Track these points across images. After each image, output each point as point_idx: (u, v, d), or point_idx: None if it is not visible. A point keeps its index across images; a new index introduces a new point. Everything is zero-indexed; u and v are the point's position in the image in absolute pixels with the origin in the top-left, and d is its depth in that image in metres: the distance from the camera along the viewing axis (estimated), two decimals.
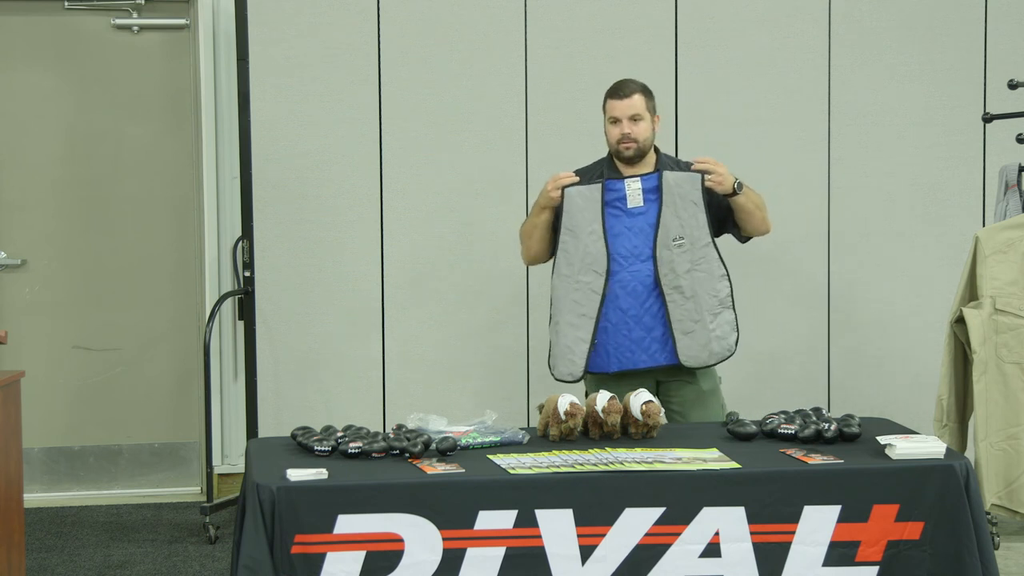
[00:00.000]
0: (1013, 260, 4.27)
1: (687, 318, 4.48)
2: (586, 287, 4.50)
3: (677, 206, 4.48)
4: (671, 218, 4.48)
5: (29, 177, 6.22)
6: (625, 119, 4.53)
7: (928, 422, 4.51)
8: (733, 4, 5.79)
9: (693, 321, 4.48)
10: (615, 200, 4.51)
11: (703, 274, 4.50)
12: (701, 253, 4.50)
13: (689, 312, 4.48)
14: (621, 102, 4.55)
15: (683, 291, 4.48)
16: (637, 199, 4.50)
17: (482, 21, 5.68)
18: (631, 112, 4.54)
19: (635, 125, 4.54)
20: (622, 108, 4.54)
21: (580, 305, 4.51)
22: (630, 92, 4.56)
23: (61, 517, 5.84)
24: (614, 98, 4.57)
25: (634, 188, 4.50)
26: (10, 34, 6.18)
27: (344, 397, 5.70)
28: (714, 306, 4.52)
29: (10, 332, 4.62)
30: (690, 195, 4.49)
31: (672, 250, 4.47)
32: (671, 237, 4.47)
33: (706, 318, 4.49)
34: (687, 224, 4.48)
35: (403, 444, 3.69)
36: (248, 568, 3.37)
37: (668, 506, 3.52)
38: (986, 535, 3.62)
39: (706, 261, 4.51)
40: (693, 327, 4.48)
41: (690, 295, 4.48)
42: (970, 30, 5.87)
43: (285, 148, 5.62)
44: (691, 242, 4.48)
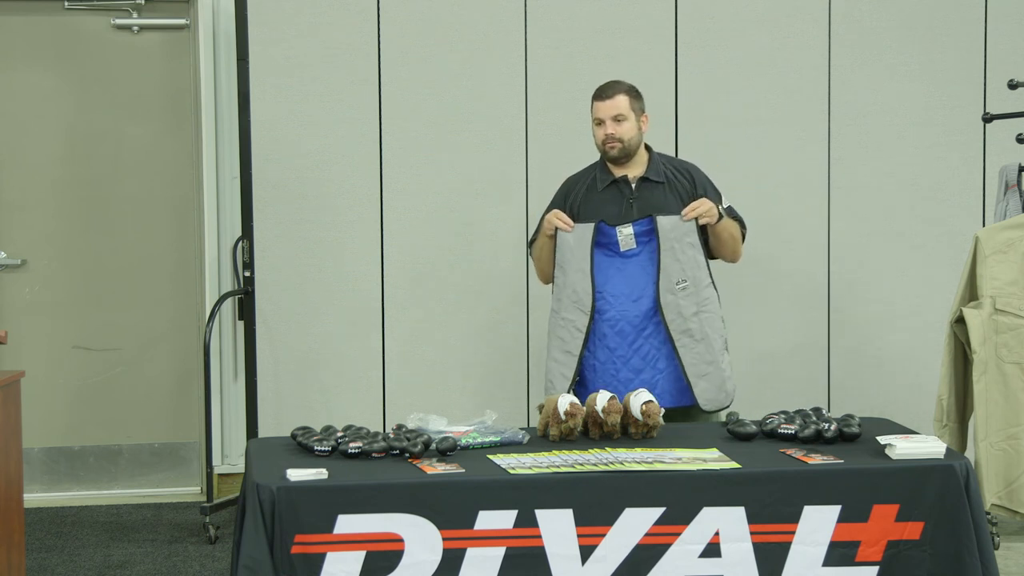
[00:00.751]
0: (1013, 260, 4.27)
1: (700, 360, 4.50)
2: (571, 324, 4.53)
3: (676, 250, 4.49)
4: (671, 262, 4.48)
5: (29, 177, 6.22)
6: (608, 119, 4.57)
7: (928, 422, 4.51)
8: (733, 4, 5.79)
9: (707, 363, 4.50)
10: (607, 243, 4.53)
11: (710, 315, 4.53)
12: (705, 295, 4.52)
13: (701, 355, 4.49)
14: (603, 103, 4.59)
15: (693, 334, 4.49)
16: (630, 243, 4.52)
17: (482, 21, 5.68)
18: (613, 112, 4.57)
19: (618, 125, 4.57)
20: (605, 109, 4.58)
21: (564, 342, 4.55)
22: (612, 93, 4.60)
23: (61, 517, 5.84)
24: (597, 100, 4.62)
25: (625, 234, 4.53)
26: (10, 34, 6.18)
27: (344, 397, 5.70)
28: (722, 347, 4.56)
29: (10, 332, 4.62)
30: (687, 237, 4.50)
31: (676, 294, 4.48)
32: (674, 281, 4.48)
33: (719, 359, 4.52)
34: (688, 267, 4.50)
35: (403, 444, 3.69)
36: (248, 568, 3.37)
37: (668, 506, 3.52)
38: (986, 535, 3.62)
39: (711, 303, 4.54)
40: (708, 369, 4.50)
41: (700, 338, 4.50)
42: (970, 30, 5.87)
43: (285, 148, 5.62)
44: (694, 284, 4.50)
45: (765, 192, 5.81)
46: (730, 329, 5.73)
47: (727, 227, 4.58)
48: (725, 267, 5.40)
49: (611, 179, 4.63)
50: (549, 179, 5.70)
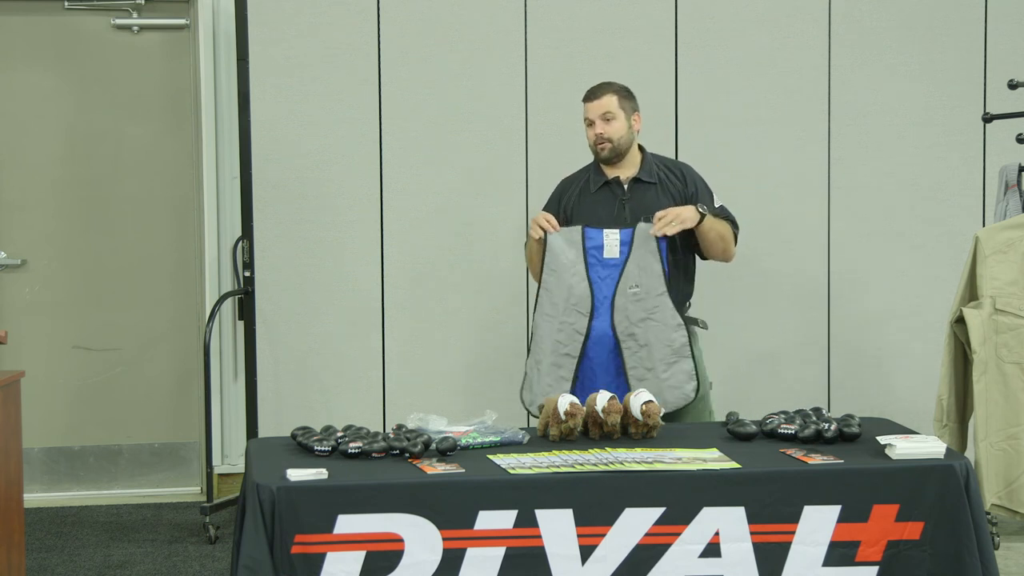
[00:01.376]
0: (1013, 260, 4.27)
1: (640, 365, 4.49)
2: (570, 327, 4.52)
3: (639, 256, 4.50)
4: (632, 267, 4.49)
5: (29, 177, 6.22)
6: (597, 119, 4.58)
7: (928, 422, 4.51)
8: (733, 4, 5.79)
9: (646, 369, 4.50)
10: (592, 248, 4.52)
11: (657, 323, 4.50)
12: (655, 303, 4.49)
13: (642, 360, 4.49)
14: (592, 103, 4.60)
15: (637, 339, 4.49)
16: (614, 250, 4.52)
17: (482, 21, 5.68)
18: (601, 111, 4.58)
19: (607, 124, 4.57)
20: (593, 109, 4.59)
21: (563, 345, 4.53)
22: (600, 93, 4.61)
23: (61, 517, 5.84)
24: (586, 101, 4.64)
25: (612, 239, 4.52)
26: (10, 34, 6.18)
27: (344, 397, 5.70)
28: (667, 356, 4.51)
29: (10, 332, 4.62)
30: (649, 245, 4.50)
31: (627, 297, 4.48)
32: (628, 285, 4.49)
33: (658, 367, 4.49)
34: (644, 272, 4.49)
35: (403, 444, 3.69)
36: (248, 568, 3.37)
37: (668, 506, 3.52)
38: (986, 535, 3.62)
39: (660, 311, 4.50)
40: (646, 375, 4.49)
41: (643, 343, 4.49)
42: (970, 30, 5.87)
43: (285, 148, 5.62)
44: (645, 291, 4.49)
45: (765, 192, 5.81)
46: (730, 329, 5.76)
47: (714, 227, 4.56)
48: (726, 267, 5.40)
49: (604, 180, 4.63)
50: (549, 179, 5.69)
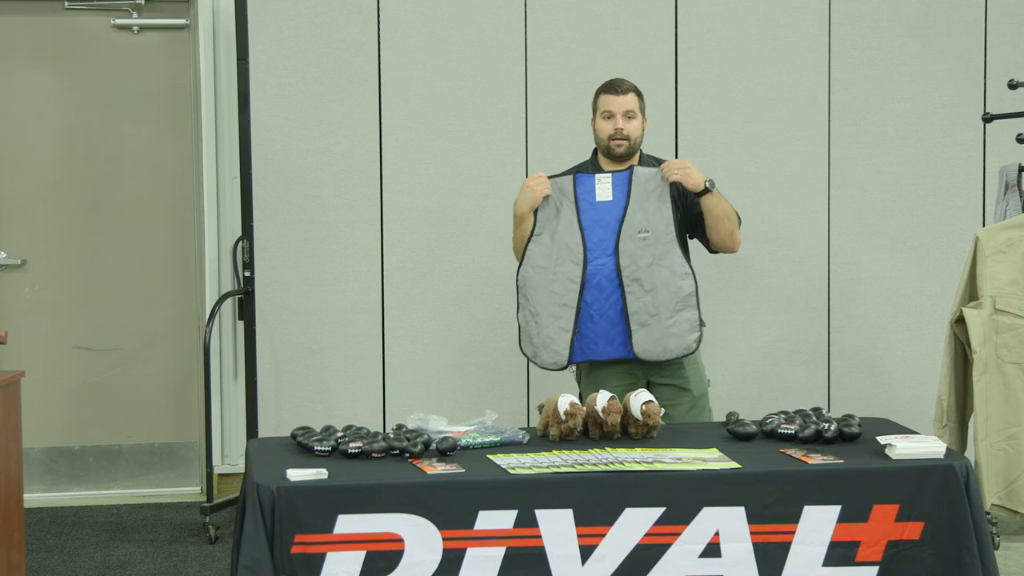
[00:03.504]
0: (1013, 260, 4.27)
1: (644, 311, 4.46)
2: (564, 277, 4.50)
3: (644, 200, 4.47)
4: (637, 211, 4.47)
5: (29, 177, 6.22)
6: (620, 114, 4.53)
7: (928, 422, 4.51)
8: (733, 4, 5.79)
9: (649, 315, 4.46)
10: (584, 193, 4.50)
11: (664, 270, 4.47)
12: (664, 249, 4.47)
13: (646, 305, 4.46)
14: (618, 97, 4.54)
15: (642, 284, 4.46)
16: (606, 193, 4.49)
17: (482, 21, 5.68)
18: (626, 108, 4.54)
19: (628, 122, 4.54)
20: (618, 103, 4.54)
21: (559, 295, 4.51)
22: (626, 89, 4.57)
23: (61, 517, 5.84)
24: (609, 93, 4.57)
25: (603, 182, 4.50)
26: (10, 34, 6.18)
27: (344, 397, 5.70)
28: (673, 303, 4.48)
29: (10, 332, 4.62)
30: (657, 190, 4.48)
31: (636, 242, 4.45)
32: (636, 230, 4.46)
33: (663, 313, 4.46)
34: (652, 218, 4.47)
35: (403, 444, 3.69)
36: (248, 568, 3.38)
37: (668, 506, 3.52)
38: (986, 535, 3.62)
39: (668, 257, 4.47)
40: (649, 321, 4.46)
41: (649, 288, 4.46)
42: (970, 30, 5.87)
43: (285, 148, 5.62)
44: (655, 236, 4.46)
45: (765, 192, 5.81)
46: (730, 329, 5.76)
47: (720, 203, 4.51)
48: (726, 267, 5.42)
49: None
50: None
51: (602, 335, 4.49)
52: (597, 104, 4.60)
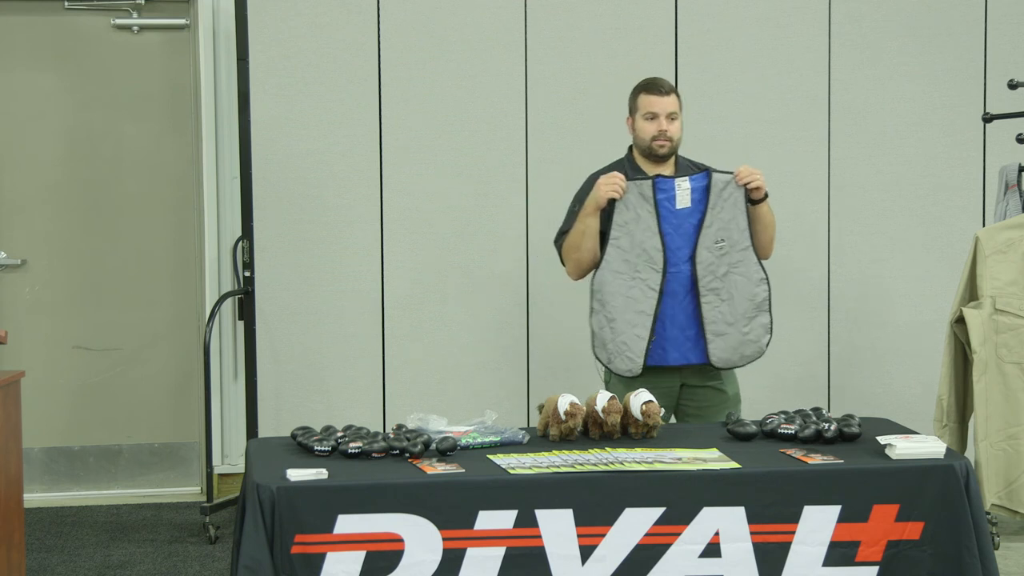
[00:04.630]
0: (1013, 260, 4.27)
1: (721, 320, 4.46)
2: (643, 283, 4.44)
3: (721, 208, 4.44)
4: (714, 220, 4.43)
5: (29, 177, 6.22)
6: (664, 115, 4.48)
7: (928, 422, 4.51)
8: (733, 4, 5.79)
9: (727, 324, 4.46)
10: (664, 200, 4.44)
11: (741, 277, 4.46)
12: (739, 256, 4.46)
13: (723, 315, 4.45)
14: (661, 98, 4.49)
15: (719, 293, 4.45)
16: (685, 199, 4.44)
17: (482, 21, 5.69)
18: (670, 109, 4.49)
19: (671, 123, 4.50)
20: (662, 104, 4.49)
21: (637, 302, 4.44)
22: (668, 90, 4.52)
23: (61, 517, 5.84)
24: (653, 94, 4.52)
25: (683, 188, 4.44)
26: (10, 34, 6.18)
27: (344, 397, 5.70)
28: (749, 310, 4.48)
29: (10, 332, 4.62)
30: (733, 197, 4.44)
31: (713, 252, 4.43)
32: (713, 240, 4.43)
33: (740, 322, 4.47)
34: (728, 227, 4.44)
35: (403, 444, 3.69)
36: (248, 568, 3.37)
37: (668, 506, 3.52)
38: (986, 535, 3.62)
39: (744, 264, 4.46)
40: (727, 330, 4.46)
41: (726, 298, 4.45)
42: (970, 30, 5.87)
43: (285, 148, 5.62)
44: (731, 245, 4.44)
45: None
46: None
47: (770, 212, 4.51)
48: None
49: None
50: (549, 179, 5.71)
51: (671, 341, 4.46)
52: (637, 104, 4.54)
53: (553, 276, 5.74)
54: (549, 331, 5.76)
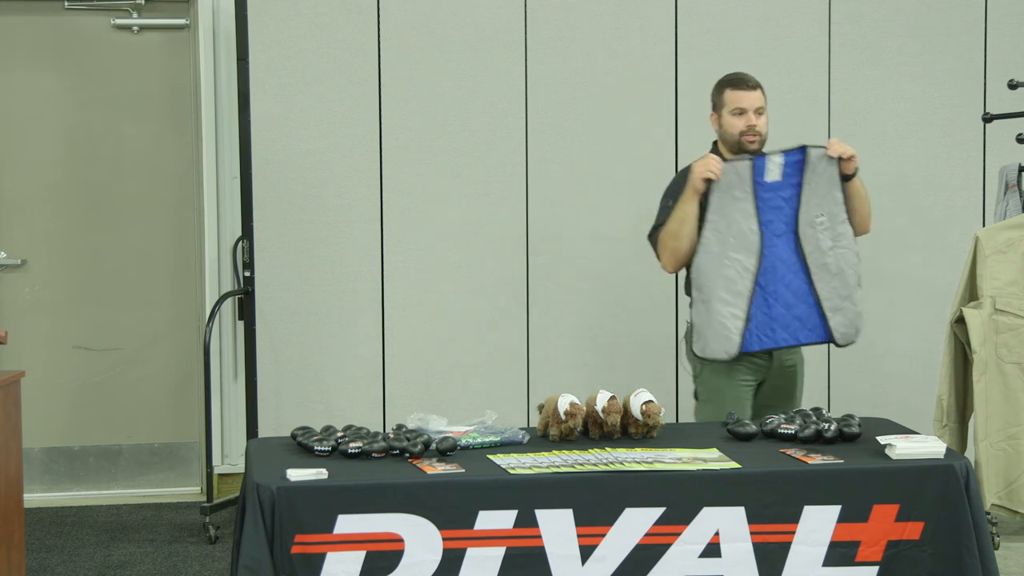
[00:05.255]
0: (1013, 260, 4.27)
1: (835, 295, 4.45)
2: (738, 264, 4.42)
3: (816, 183, 4.42)
4: (811, 195, 4.41)
5: (29, 177, 6.22)
6: (752, 111, 4.47)
7: (928, 422, 4.51)
8: (733, 4, 5.79)
9: (841, 298, 4.45)
10: (759, 178, 4.41)
11: (845, 250, 4.46)
12: (840, 230, 4.45)
13: (836, 289, 4.44)
14: (749, 93, 4.49)
15: (829, 268, 4.44)
16: (775, 173, 4.41)
17: (482, 21, 5.68)
18: (758, 104, 4.49)
19: (759, 118, 4.49)
20: (750, 100, 4.49)
21: (733, 282, 4.42)
22: (755, 84, 4.51)
23: (61, 517, 5.84)
24: (740, 89, 4.51)
25: (775, 163, 4.41)
26: (10, 34, 6.18)
27: (344, 397, 5.70)
28: (856, 282, 4.48)
29: (10, 332, 4.62)
30: (827, 172, 4.42)
31: (816, 228, 4.41)
32: (813, 215, 4.42)
33: (854, 295, 4.47)
34: (825, 201, 4.42)
35: (403, 444, 3.69)
36: (248, 568, 3.37)
37: (668, 506, 3.52)
38: (986, 535, 3.62)
39: (845, 238, 4.46)
40: (842, 304, 4.45)
41: (836, 272, 4.45)
42: (970, 30, 5.87)
43: (285, 148, 5.62)
44: (830, 219, 4.43)
45: None
46: None
47: (861, 187, 4.49)
48: None
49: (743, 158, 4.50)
50: (549, 179, 5.71)
51: (778, 320, 4.45)
52: (723, 100, 4.53)
53: (554, 276, 5.75)
54: (550, 331, 5.76)
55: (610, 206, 5.74)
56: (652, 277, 5.75)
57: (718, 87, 4.60)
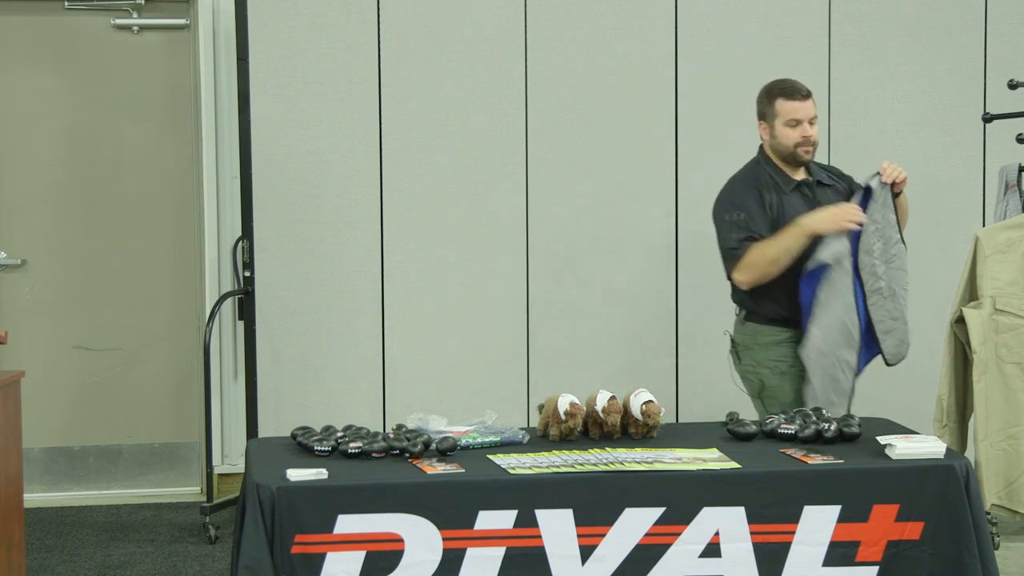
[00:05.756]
0: (1013, 260, 4.27)
1: (888, 317, 4.45)
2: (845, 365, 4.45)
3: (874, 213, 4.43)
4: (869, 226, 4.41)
5: (29, 177, 6.22)
6: (807, 121, 4.44)
7: (928, 422, 4.51)
8: (733, 4, 5.79)
9: (893, 319, 4.46)
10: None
11: (898, 271, 4.46)
12: (894, 251, 4.45)
13: (890, 311, 4.45)
14: (803, 104, 4.45)
15: (883, 292, 4.44)
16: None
17: (482, 21, 5.68)
18: (812, 114, 4.46)
19: (813, 128, 4.46)
20: (805, 110, 4.45)
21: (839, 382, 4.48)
22: (808, 93, 4.48)
23: (61, 517, 5.84)
24: (794, 99, 4.47)
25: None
26: (10, 34, 6.18)
27: (344, 397, 5.70)
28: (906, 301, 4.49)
29: (10, 332, 4.62)
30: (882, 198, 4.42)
31: (872, 255, 4.42)
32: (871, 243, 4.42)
33: (905, 313, 4.48)
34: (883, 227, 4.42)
35: (403, 444, 3.69)
36: (248, 568, 3.38)
37: (668, 506, 3.52)
38: (986, 535, 3.62)
39: (899, 258, 4.46)
40: (894, 325, 4.46)
41: (888, 294, 4.45)
42: (970, 30, 5.87)
43: (285, 148, 5.62)
44: (884, 242, 4.43)
45: None
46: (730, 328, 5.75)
47: (905, 200, 4.51)
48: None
49: (795, 182, 4.52)
50: (549, 179, 5.71)
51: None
52: (776, 110, 4.49)
53: (554, 276, 5.75)
54: (550, 331, 5.76)
55: (610, 206, 5.74)
56: (652, 277, 5.77)
57: (767, 96, 4.54)
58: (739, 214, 4.48)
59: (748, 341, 4.56)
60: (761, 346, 4.53)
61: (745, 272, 4.44)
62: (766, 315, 4.52)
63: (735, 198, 4.52)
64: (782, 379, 4.49)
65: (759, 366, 4.53)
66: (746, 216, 4.46)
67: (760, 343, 4.53)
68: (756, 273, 4.43)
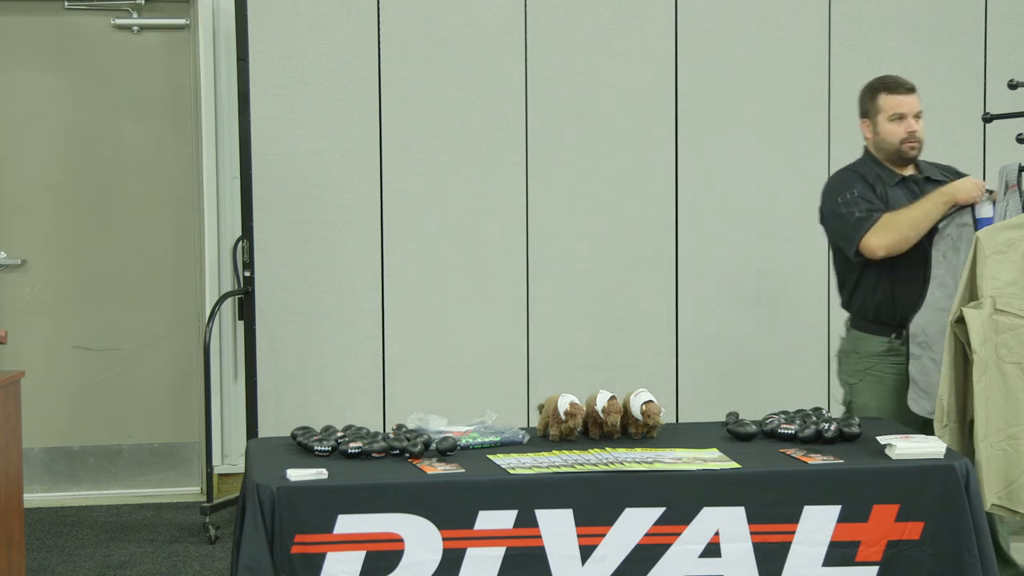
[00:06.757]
0: (1013, 260, 4.27)
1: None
2: None
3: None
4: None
5: (29, 177, 6.22)
6: (912, 116, 4.36)
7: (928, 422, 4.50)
8: (733, 4, 5.79)
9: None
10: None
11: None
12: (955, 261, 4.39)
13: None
14: (907, 98, 4.37)
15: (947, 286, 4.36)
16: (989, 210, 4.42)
17: (482, 21, 5.68)
18: (917, 108, 4.38)
19: (918, 123, 4.39)
20: (910, 104, 4.37)
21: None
22: (911, 88, 4.39)
23: (61, 517, 5.84)
24: (898, 94, 4.40)
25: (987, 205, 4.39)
26: (10, 34, 6.18)
27: (344, 397, 5.70)
28: None
29: (10, 332, 4.62)
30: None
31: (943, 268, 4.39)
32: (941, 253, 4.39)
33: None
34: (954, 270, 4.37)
35: (403, 444, 3.69)
36: (248, 568, 3.38)
37: (668, 506, 3.52)
38: (986, 535, 3.63)
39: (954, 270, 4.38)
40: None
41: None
42: (970, 30, 5.87)
43: (285, 148, 5.62)
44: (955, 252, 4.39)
45: (765, 192, 5.80)
46: (730, 329, 5.75)
47: None
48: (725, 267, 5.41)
49: (900, 177, 4.46)
50: (549, 179, 5.71)
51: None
52: (879, 105, 4.43)
53: (554, 276, 5.75)
54: (550, 331, 5.76)
55: (610, 206, 5.74)
56: (652, 277, 5.77)
57: (870, 92, 4.46)
58: (852, 192, 4.39)
59: (848, 347, 4.53)
60: (860, 355, 4.48)
61: (881, 235, 4.30)
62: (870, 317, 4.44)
63: (844, 183, 4.44)
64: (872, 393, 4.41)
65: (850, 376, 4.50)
66: (859, 193, 4.37)
67: (859, 351, 4.49)
68: (895, 235, 4.30)
